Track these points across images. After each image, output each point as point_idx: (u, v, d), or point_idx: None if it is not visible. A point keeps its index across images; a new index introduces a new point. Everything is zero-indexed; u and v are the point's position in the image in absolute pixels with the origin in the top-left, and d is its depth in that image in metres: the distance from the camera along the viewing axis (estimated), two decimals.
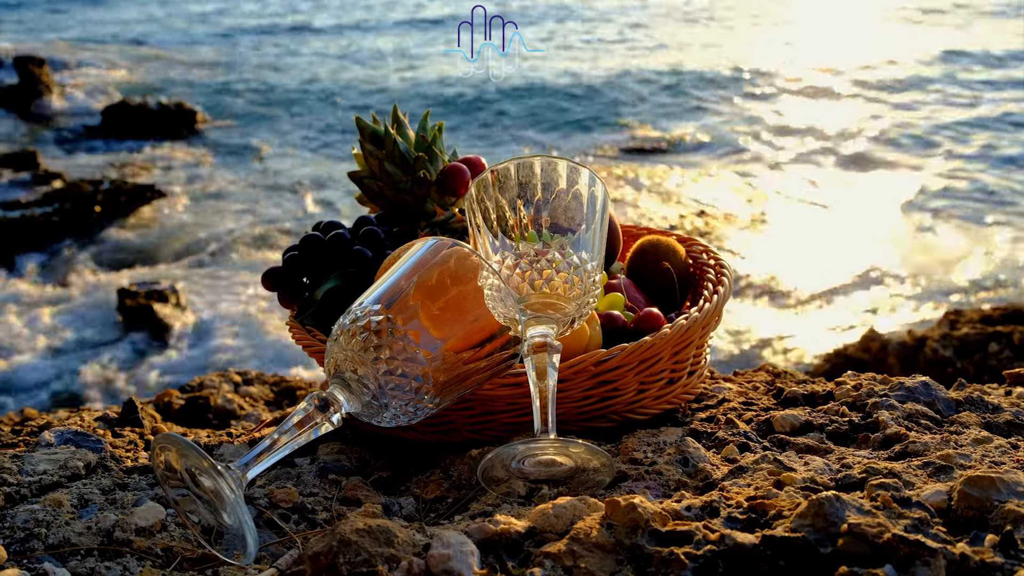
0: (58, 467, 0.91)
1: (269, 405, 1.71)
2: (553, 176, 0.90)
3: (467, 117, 10.11)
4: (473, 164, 1.21)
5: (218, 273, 6.45)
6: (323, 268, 1.10)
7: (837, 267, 6.12)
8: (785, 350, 5.02)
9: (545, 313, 0.87)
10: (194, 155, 9.26)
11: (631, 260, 1.25)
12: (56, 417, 1.26)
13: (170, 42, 15.66)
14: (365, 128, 1.21)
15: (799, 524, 0.65)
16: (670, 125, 9.74)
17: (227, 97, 11.54)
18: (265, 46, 15.16)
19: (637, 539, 0.66)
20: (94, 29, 16.95)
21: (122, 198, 7.29)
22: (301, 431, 0.78)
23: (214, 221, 7.48)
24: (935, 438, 0.89)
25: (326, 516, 0.86)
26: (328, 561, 0.63)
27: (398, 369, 0.79)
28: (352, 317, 0.81)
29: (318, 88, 12.02)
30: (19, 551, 0.75)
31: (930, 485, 0.75)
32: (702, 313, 1.00)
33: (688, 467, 0.87)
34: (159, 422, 1.27)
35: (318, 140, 9.68)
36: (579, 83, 11.57)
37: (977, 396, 1.00)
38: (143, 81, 12.54)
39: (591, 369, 0.93)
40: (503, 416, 0.96)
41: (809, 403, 1.06)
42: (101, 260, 6.63)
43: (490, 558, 0.67)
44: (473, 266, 0.85)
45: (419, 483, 0.93)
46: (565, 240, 0.89)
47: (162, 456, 0.76)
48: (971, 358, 2.89)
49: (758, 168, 8.26)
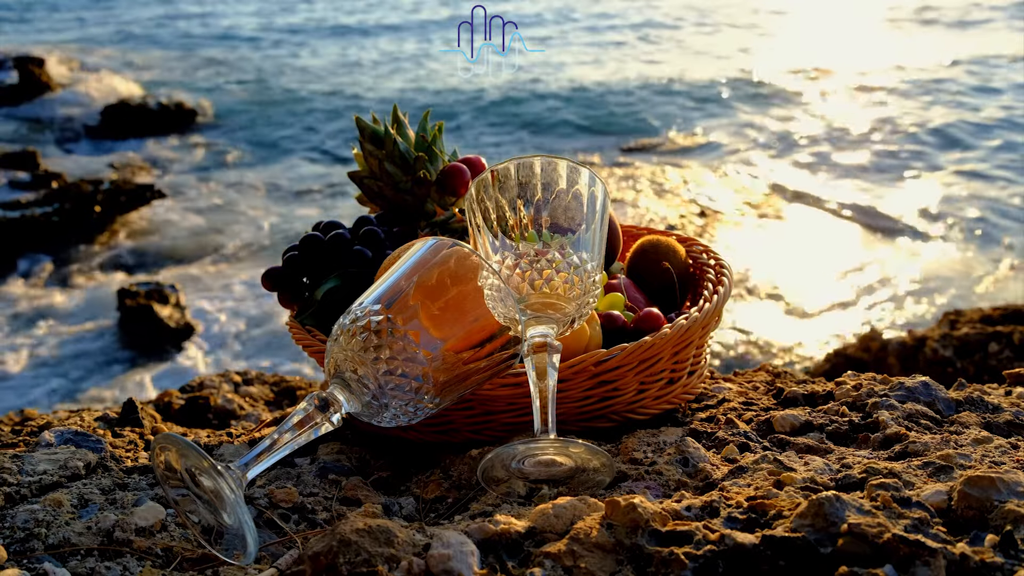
0: (58, 467, 0.91)
1: (269, 405, 1.71)
2: (553, 176, 0.90)
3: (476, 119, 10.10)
4: (473, 164, 1.21)
5: (218, 273, 6.45)
6: (323, 268, 1.10)
7: (837, 267, 6.12)
8: (785, 350, 5.02)
9: (545, 313, 0.87)
10: (194, 155, 9.26)
11: (631, 260, 1.25)
12: (56, 417, 1.26)
13: (170, 42, 15.67)
14: (365, 128, 1.21)
15: (799, 524, 0.65)
16: (671, 126, 9.74)
17: (228, 97, 11.54)
18: (266, 45, 15.16)
19: (637, 539, 0.66)
20: (94, 29, 16.94)
21: (122, 198, 7.29)
22: (301, 431, 0.78)
23: (214, 221, 7.48)
24: (935, 438, 0.89)
25: (326, 516, 0.86)
26: (328, 561, 0.63)
27: (398, 369, 0.79)
28: (352, 317, 0.81)
29: (319, 87, 12.02)
30: (19, 551, 0.75)
31: (930, 485, 0.75)
32: (702, 313, 1.00)
33: (688, 467, 0.87)
34: (159, 422, 1.27)
35: (319, 140, 9.68)
36: (579, 84, 11.57)
37: (977, 396, 1.00)
38: (143, 81, 12.54)
39: (591, 369, 0.93)
40: (503, 416, 0.96)
41: (809, 403, 1.06)
42: (101, 260, 6.63)
43: (490, 558, 0.67)
44: (473, 266, 0.85)
45: (419, 483, 0.93)
46: (565, 240, 0.89)
47: (162, 456, 0.76)
48: (971, 358, 2.89)
49: (758, 168, 8.26)
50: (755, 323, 5.34)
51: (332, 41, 15.53)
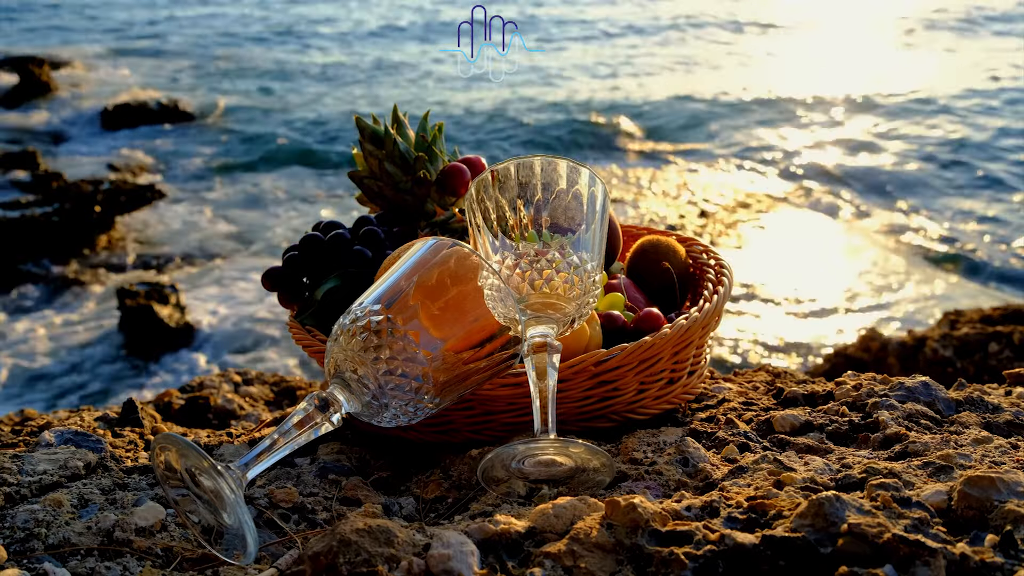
0: (58, 467, 0.91)
1: (269, 405, 1.71)
2: (553, 176, 0.90)
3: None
4: (473, 164, 1.21)
5: (218, 273, 6.45)
6: (323, 268, 1.10)
7: (837, 267, 6.12)
8: (785, 350, 5.02)
9: (545, 313, 0.87)
10: (194, 155, 9.26)
11: (631, 260, 1.24)
12: (56, 417, 1.26)
13: (171, 42, 15.66)
14: (365, 128, 1.21)
15: (799, 524, 0.65)
16: (671, 126, 9.74)
17: (228, 97, 11.54)
18: (267, 46, 15.15)
19: (637, 539, 0.66)
20: (94, 29, 16.94)
21: (122, 198, 7.28)
22: (301, 431, 0.78)
23: (214, 221, 7.48)
24: (935, 438, 0.89)
25: (326, 516, 0.86)
26: (328, 561, 0.63)
27: (398, 369, 0.79)
28: (352, 317, 0.81)
29: (322, 87, 12.02)
30: (19, 551, 0.75)
31: (930, 485, 0.75)
32: (702, 313, 1.00)
33: (688, 467, 0.87)
34: (159, 422, 1.27)
35: (319, 140, 9.68)
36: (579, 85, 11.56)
37: (977, 396, 1.00)
38: (144, 81, 12.54)
39: (591, 369, 0.93)
40: (503, 416, 0.96)
41: (809, 403, 1.06)
42: (101, 260, 6.63)
43: (490, 558, 0.67)
44: (473, 266, 0.85)
45: (419, 483, 0.93)
46: (565, 240, 0.89)
47: (162, 456, 0.76)
48: (971, 358, 2.89)
49: (759, 169, 8.26)
50: (755, 323, 5.34)
51: (334, 41, 15.53)
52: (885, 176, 7.91)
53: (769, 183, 7.86)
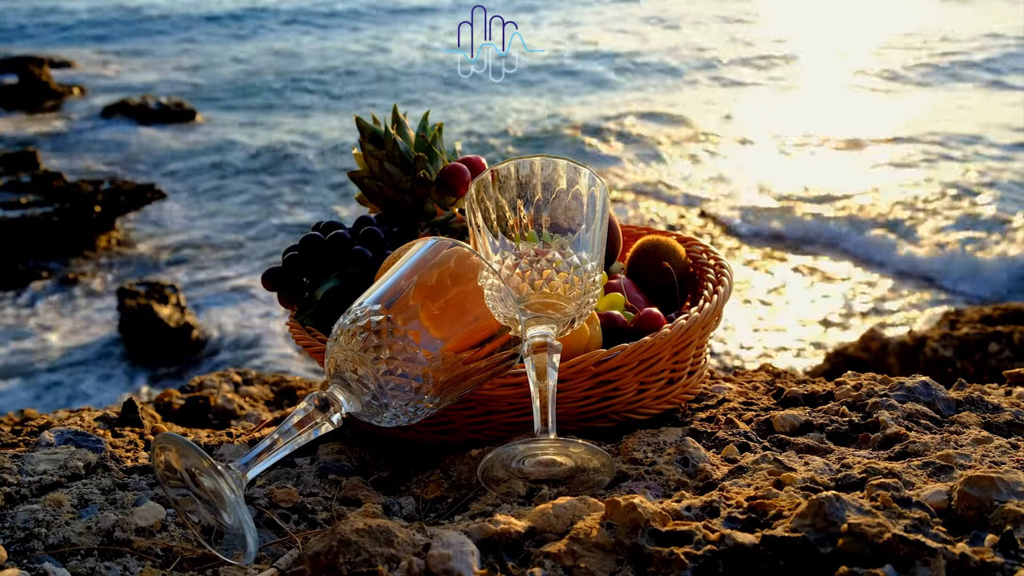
0: (58, 467, 0.91)
1: (269, 405, 1.71)
2: (553, 176, 0.90)
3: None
4: (473, 164, 1.21)
5: (218, 273, 6.45)
6: (323, 268, 1.10)
7: (837, 267, 6.12)
8: (785, 350, 5.02)
9: (545, 313, 0.87)
10: (194, 154, 9.26)
11: (631, 260, 1.24)
12: (56, 417, 1.26)
13: (172, 41, 15.66)
14: (365, 128, 1.21)
15: (799, 524, 0.65)
16: (672, 127, 9.74)
17: (228, 96, 11.54)
18: (267, 46, 15.15)
19: (637, 539, 0.66)
20: (95, 29, 16.94)
21: (122, 198, 7.28)
22: (301, 431, 0.78)
23: (214, 221, 7.48)
24: (935, 438, 0.89)
25: (326, 516, 0.86)
26: (328, 561, 0.63)
27: (398, 369, 0.79)
28: (352, 317, 0.81)
29: (322, 87, 12.02)
30: (19, 551, 0.75)
31: (930, 485, 0.75)
32: (702, 313, 1.00)
33: (688, 467, 0.87)
34: (159, 422, 1.27)
35: (320, 139, 9.68)
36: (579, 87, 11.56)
37: (977, 396, 1.00)
38: (143, 80, 12.54)
39: (591, 369, 0.93)
40: (503, 416, 0.96)
41: (809, 403, 1.06)
42: (101, 260, 6.63)
43: (490, 558, 0.67)
44: (473, 266, 0.85)
45: (419, 483, 0.93)
46: (565, 240, 0.89)
47: (162, 456, 0.76)
48: (971, 358, 2.89)
49: (759, 169, 8.26)
50: (755, 323, 5.34)
51: (337, 41, 15.53)
52: (887, 176, 7.91)
53: (769, 184, 7.86)
